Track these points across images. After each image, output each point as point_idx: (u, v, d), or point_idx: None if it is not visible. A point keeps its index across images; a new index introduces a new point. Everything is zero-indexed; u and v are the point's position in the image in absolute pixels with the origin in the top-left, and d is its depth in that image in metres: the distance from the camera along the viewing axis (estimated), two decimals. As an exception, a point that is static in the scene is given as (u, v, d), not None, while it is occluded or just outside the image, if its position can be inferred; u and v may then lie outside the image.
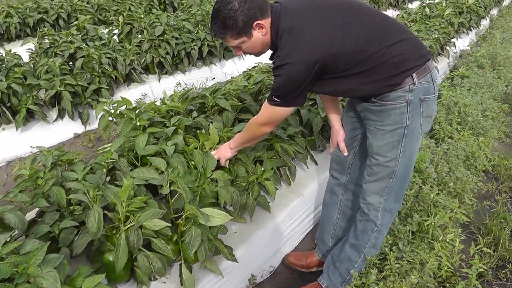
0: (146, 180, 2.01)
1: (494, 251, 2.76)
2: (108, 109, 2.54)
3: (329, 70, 1.85)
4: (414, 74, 1.85)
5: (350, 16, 1.87)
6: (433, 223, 2.46)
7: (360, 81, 1.88)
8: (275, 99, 1.92)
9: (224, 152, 2.31)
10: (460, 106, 3.97)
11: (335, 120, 2.33)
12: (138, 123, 2.35)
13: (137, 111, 2.49)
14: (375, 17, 1.92)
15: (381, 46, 1.82)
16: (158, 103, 2.82)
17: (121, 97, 2.52)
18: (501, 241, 2.76)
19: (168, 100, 2.76)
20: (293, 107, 2.00)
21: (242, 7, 1.76)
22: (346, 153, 2.21)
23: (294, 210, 2.67)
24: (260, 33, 1.85)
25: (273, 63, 1.90)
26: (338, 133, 2.30)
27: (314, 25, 1.81)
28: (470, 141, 3.60)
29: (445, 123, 3.75)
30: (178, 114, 2.72)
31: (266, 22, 1.84)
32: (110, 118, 2.55)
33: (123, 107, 2.54)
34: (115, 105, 2.54)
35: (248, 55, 2.06)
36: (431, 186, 2.82)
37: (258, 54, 1.99)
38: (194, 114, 2.71)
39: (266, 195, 2.55)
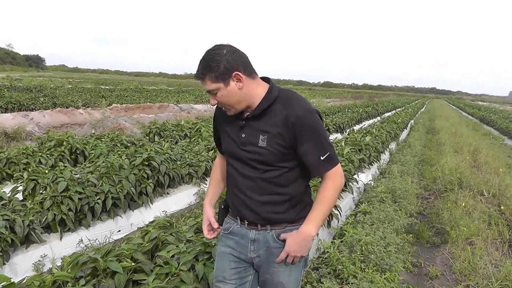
0: None
1: None
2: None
3: None
4: None
5: None
6: None
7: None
8: (335, 153, 2.03)
9: (305, 245, 2.02)
10: (362, 244, 4.08)
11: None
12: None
13: None
14: None
15: None
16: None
17: (1, 275, 2.36)
18: None
19: (56, 268, 2.62)
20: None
21: (228, 55, 1.87)
22: (209, 236, 2.21)
23: None
24: (237, 86, 1.91)
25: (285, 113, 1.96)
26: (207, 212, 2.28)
27: None
28: (375, 278, 3.65)
29: (348, 262, 3.81)
30: (66, 283, 2.57)
31: (246, 80, 1.92)
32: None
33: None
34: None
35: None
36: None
37: (232, 107, 1.99)
38: (82, 282, 2.57)
39: None
